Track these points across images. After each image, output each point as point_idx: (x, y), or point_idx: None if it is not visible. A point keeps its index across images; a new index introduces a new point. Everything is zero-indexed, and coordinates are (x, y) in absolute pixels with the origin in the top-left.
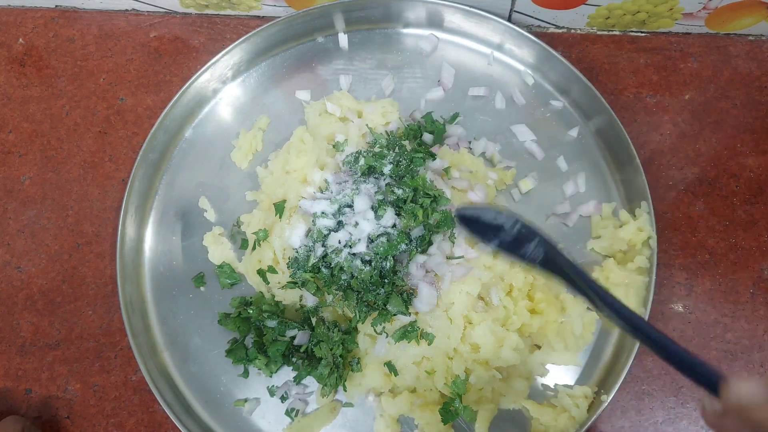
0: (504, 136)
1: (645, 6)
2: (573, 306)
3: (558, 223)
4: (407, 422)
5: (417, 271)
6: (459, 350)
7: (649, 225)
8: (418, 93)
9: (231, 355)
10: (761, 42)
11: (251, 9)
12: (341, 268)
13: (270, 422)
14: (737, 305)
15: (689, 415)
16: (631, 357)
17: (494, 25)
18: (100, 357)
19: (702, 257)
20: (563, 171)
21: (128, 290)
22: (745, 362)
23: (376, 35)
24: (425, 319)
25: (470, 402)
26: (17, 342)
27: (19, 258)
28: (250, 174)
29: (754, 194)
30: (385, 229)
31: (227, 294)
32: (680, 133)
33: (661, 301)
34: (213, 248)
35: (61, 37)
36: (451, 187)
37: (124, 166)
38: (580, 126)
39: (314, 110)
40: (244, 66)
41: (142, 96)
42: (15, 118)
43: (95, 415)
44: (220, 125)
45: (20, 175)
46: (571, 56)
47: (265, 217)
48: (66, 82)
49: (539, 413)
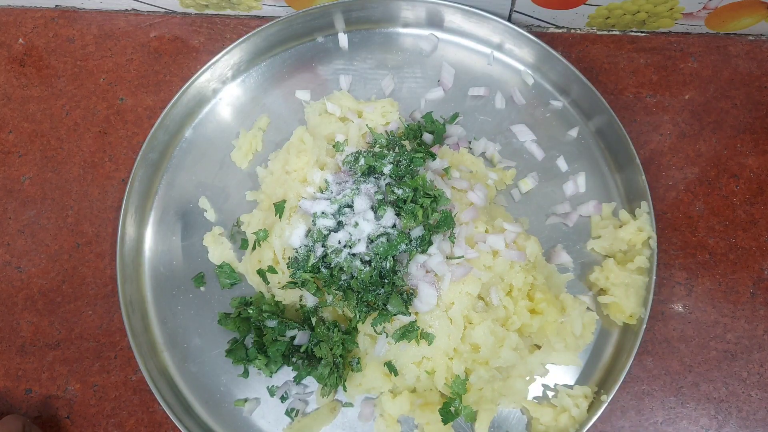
0: (504, 136)
1: (645, 6)
2: (573, 306)
3: (558, 223)
4: (407, 422)
5: (417, 271)
6: (459, 350)
7: (649, 225)
8: (418, 93)
9: (231, 355)
10: (761, 42)
11: (251, 9)
12: (341, 269)
13: (270, 422)
14: (737, 305)
15: (689, 415)
16: (631, 357)
17: (494, 25)
18: (100, 357)
19: (702, 257)
20: (563, 171)
21: (128, 290)
22: (745, 362)
23: (376, 35)
24: (425, 319)
25: (470, 402)
26: (17, 342)
27: (19, 258)
28: (250, 174)
29: (754, 194)
30: (385, 230)
31: (227, 294)
32: (680, 133)
33: (661, 301)
34: (213, 248)
35: (61, 37)
36: (451, 187)
37: (124, 166)
38: (580, 126)
39: (314, 110)
40: (244, 66)
41: (142, 96)
42: (15, 118)
43: (95, 415)
44: (220, 125)
45: (20, 175)
46: (571, 56)
47: (265, 217)
48: (66, 82)
49: (539, 413)
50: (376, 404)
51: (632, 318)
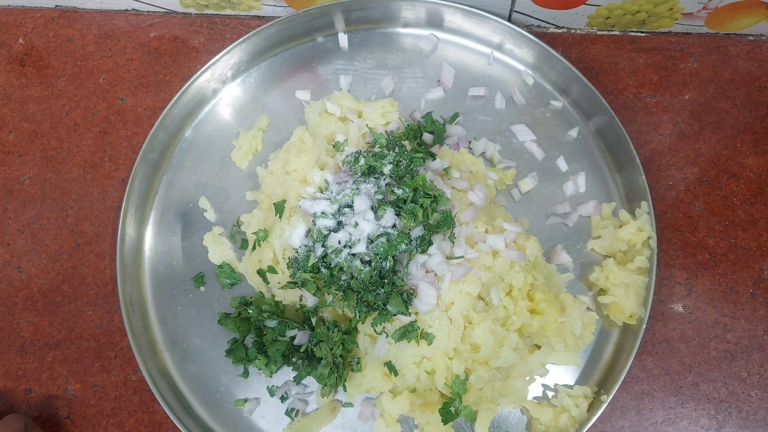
0: (504, 136)
1: (645, 6)
2: (573, 306)
3: (558, 223)
4: (407, 422)
5: (417, 271)
6: (459, 350)
7: (649, 225)
8: (418, 93)
9: (231, 355)
10: (761, 42)
11: (251, 9)
12: (341, 269)
13: (270, 422)
14: (737, 305)
15: (689, 415)
16: (631, 357)
17: (494, 25)
18: (100, 357)
19: (702, 257)
20: (563, 171)
21: (128, 290)
22: (745, 362)
23: (376, 35)
24: (425, 319)
25: (470, 402)
26: (17, 342)
27: (19, 258)
28: (250, 174)
29: (754, 194)
30: (385, 230)
31: (227, 294)
32: (680, 133)
33: (661, 301)
34: (213, 248)
35: (61, 37)
36: (451, 187)
37: (124, 166)
38: (580, 126)
39: (314, 110)
40: (244, 66)
41: (142, 96)
42: (15, 118)
43: (95, 415)
44: (220, 125)
45: (20, 175)
46: (571, 56)
47: (265, 217)
48: (66, 82)
49: (539, 413)
50: (376, 404)
51: (632, 318)
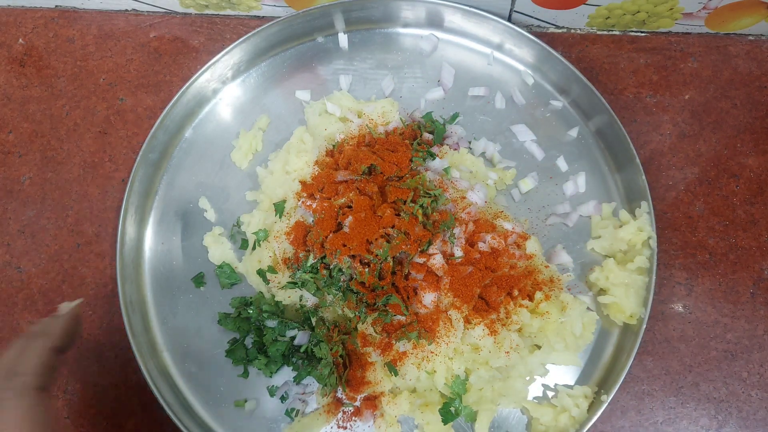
0: (504, 136)
1: (645, 6)
2: (573, 306)
3: (558, 223)
4: (407, 422)
5: (417, 272)
6: (459, 350)
7: (649, 225)
8: (418, 93)
9: (231, 355)
10: (761, 42)
11: (251, 9)
12: (340, 269)
13: (270, 422)
14: (737, 305)
15: (689, 415)
16: (631, 357)
17: (494, 25)
18: (100, 357)
19: (702, 257)
20: (563, 171)
21: (128, 290)
22: (745, 362)
23: (376, 35)
24: (425, 319)
25: (470, 402)
26: None
27: (19, 258)
28: (250, 174)
29: (754, 194)
30: (384, 230)
31: (227, 294)
32: (680, 133)
33: (661, 301)
34: (213, 248)
35: (61, 37)
36: (451, 187)
37: (124, 166)
38: (580, 126)
39: (314, 110)
40: (244, 66)
41: (142, 96)
42: (15, 118)
43: (95, 415)
44: (220, 125)
45: (20, 175)
46: (571, 56)
47: (265, 217)
48: (66, 82)
49: (539, 413)
50: (376, 404)
51: (632, 318)
